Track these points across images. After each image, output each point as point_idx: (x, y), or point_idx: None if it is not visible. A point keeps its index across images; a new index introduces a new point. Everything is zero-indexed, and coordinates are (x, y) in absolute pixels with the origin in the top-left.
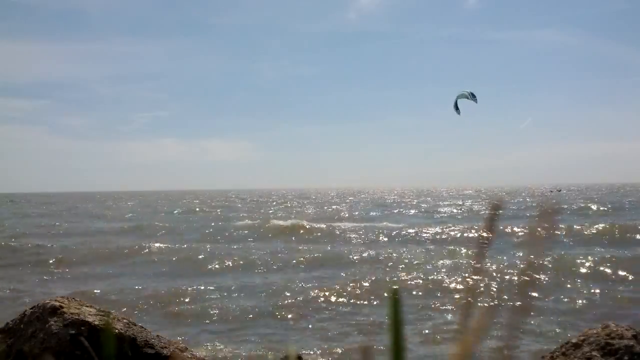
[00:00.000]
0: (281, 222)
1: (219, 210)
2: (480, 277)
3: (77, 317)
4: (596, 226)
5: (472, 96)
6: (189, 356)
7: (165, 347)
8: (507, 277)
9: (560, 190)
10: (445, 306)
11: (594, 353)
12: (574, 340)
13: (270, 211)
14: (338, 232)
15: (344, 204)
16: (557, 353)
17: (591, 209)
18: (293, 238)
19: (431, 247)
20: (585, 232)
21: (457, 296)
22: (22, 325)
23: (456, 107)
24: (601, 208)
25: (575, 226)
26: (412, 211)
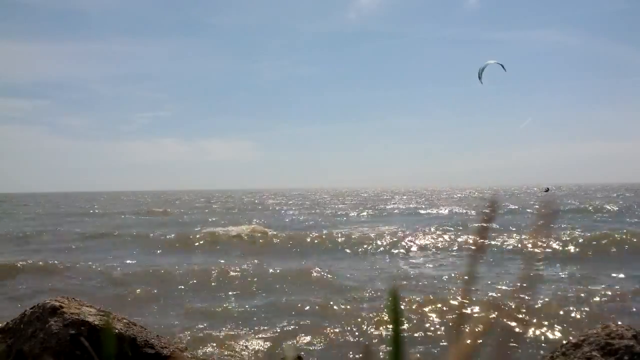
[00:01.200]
0: (221, 229)
1: (175, 214)
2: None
3: (77, 317)
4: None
5: (502, 67)
6: (189, 356)
7: (165, 347)
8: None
9: (548, 190)
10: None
11: (594, 353)
12: (574, 340)
13: (237, 215)
14: (276, 241)
15: (318, 207)
16: (557, 353)
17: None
18: (227, 249)
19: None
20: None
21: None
22: (22, 325)
23: (480, 75)
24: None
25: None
26: (399, 211)
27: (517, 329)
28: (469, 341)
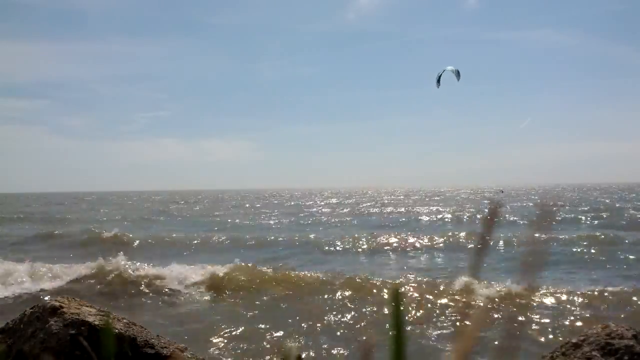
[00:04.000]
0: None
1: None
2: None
3: (77, 317)
4: None
5: (458, 74)
6: (189, 356)
7: (166, 347)
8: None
9: (502, 191)
10: None
11: (594, 353)
12: (574, 340)
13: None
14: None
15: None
16: (557, 353)
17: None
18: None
19: None
20: None
21: None
22: (22, 325)
23: (438, 80)
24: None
25: None
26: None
27: (516, 328)
28: (470, 337)
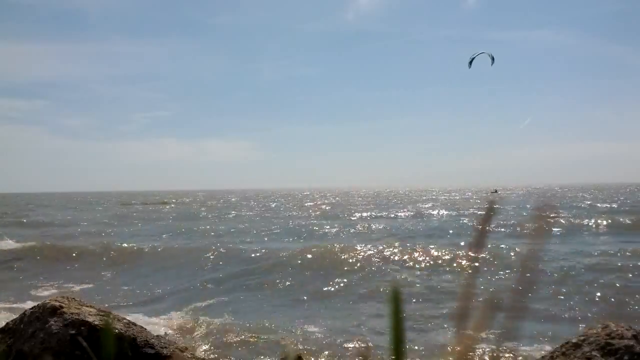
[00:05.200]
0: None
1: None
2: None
3: (77, 317)
4: None
5: (492, 58)
6: (189, 356)
7: (165, 347)
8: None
9: (496, 191)
10: None
11: (594, 353)
12: (574, 340)
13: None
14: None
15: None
16: (557, 353)
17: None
18: None
19: None
20: None
21: None
22: (22, 325)
23: (470, 62)
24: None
25: None
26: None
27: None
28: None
